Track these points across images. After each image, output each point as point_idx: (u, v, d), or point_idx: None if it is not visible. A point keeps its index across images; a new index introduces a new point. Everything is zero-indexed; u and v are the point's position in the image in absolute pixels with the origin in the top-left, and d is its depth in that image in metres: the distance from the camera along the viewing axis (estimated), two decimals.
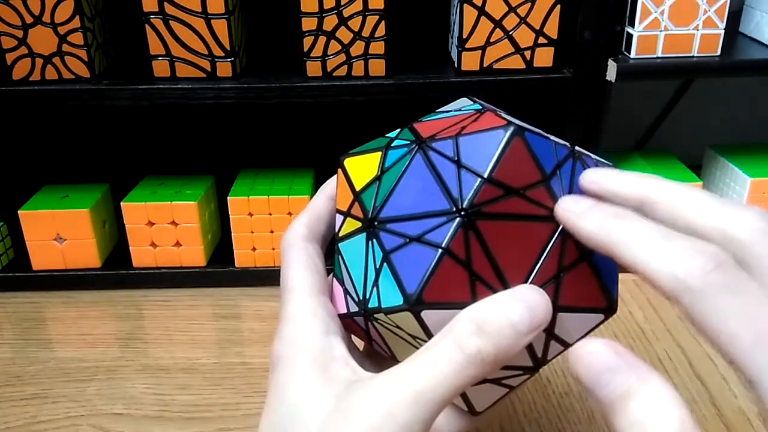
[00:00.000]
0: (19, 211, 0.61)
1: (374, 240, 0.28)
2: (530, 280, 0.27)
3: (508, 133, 0.27)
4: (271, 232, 0.62)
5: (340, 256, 0.31)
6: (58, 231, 0.62)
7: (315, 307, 0.29)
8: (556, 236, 0.28)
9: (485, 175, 0.26)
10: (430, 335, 0.26)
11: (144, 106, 0.56)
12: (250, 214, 0.61)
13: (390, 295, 0.27)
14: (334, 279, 0.32)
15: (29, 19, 0.55)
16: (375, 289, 0.28)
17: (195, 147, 0.73)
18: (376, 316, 0.28)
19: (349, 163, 0.32)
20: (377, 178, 0.30)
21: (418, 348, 0.26)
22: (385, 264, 0.27)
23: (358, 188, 0.30)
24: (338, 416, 0.25)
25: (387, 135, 0.32)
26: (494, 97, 0.31)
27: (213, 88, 0.56)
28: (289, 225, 0.34)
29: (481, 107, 0.31)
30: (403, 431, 0.23)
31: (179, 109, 0.69)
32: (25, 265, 0.63)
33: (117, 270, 0.63)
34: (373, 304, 0.28)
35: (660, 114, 0.76)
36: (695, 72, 0.61)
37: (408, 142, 0.30)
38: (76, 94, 0.57)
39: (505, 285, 0.27)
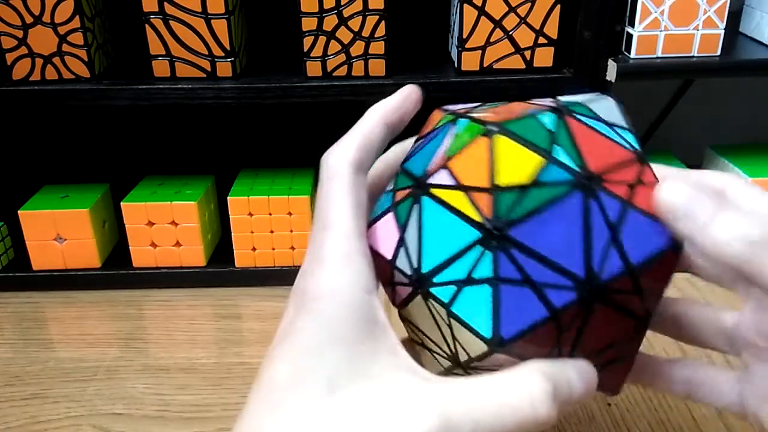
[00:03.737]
0: (19, 211, 0.61)
1: (492, 251, 0.25)
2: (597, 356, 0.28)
3: (671, 244, 0.26)
4: (271, 232, 0.62)
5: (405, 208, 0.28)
6: (58, 231, 0.62)
7: (358, 257, 0.26)
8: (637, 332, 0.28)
9: (633, 265, 0.25)
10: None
11: (144, 106, 0.56)
12: (250, 214, 0.61)
13: (473, 315, 0.25)
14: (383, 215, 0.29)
15: (29, 19, 0.55)
16: (450, 287, 0.26)
17: (195, 147, 0.73)
18: (430, 299, 0.26)
19: (502, 143, 0.25)
20: (524, 188, 0.25)
21: (451, 337, 0.26)
22: (488, 286, 0.25)
23: (499, 182, 0.25)
24: (380, 405, 0.23)
25: (543, 123, 0.26)
26: (494, 97, 0.30)
27: (213, 88, 0.56)
28: (336, 145, 0.29)
29: (639, 151, 0.28)
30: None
31: (179, 109, 0.69)
32: (25, 265, 0.63)
33: (117, 270, 0.63)
34: (437, 293, 0.26)
35: (660, 114, 0.76)
36: (695, 72, 0.61)
37: (571, 173, 0.26)
38: (76, 94, 0.57)
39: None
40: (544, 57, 0.56)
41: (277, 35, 0.66)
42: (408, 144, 0.31)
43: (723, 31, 0.56)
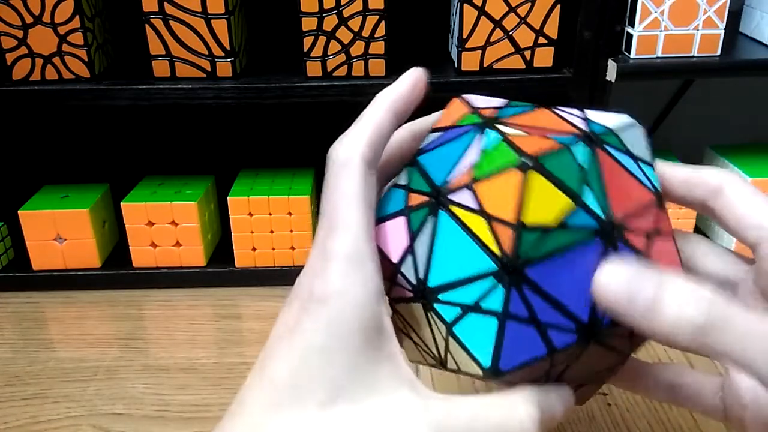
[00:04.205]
0: (19, 211, 0.61)
1: (505, 286, 0.25)
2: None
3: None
4: (271, 232, 0.62)
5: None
6: (58, 231, 0.62)
7: (368, 261, 0.25)
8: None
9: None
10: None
11: (144, 106, 0.56)
12: (250, 214, 0.61)
13: (474, 342, 0.25)
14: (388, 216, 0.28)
15: (29, 19, 0.55)
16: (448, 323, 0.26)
17: (195, 147, 0.73)
18: (432, 312, 0.26)
19: (535, 180, 0.24)
20: (548, 229, 0.25)
21: (444, 348, 0.26)
22: (495, 319, 0.25)
23: (526, 220, 0.24)
24: (378, 421, 0.24)
25: (576, 157, 0.25)
26: (494, 97, 0.30)
27: (213, 88, 0.56)
28: (344, 136, 0.28)
29: (658, 192, 0.28)
30: None
31: (179, 109, 0.69)
32: (25, 265, 0.63)
33: (117, 270, 0.63)
34: (443, 313, 0.26)
35: (660, 114, 0.76)
36: (695, 72, 0.61)
37: (597, 219, 0.25)
38: (76, 94, 0.57)
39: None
40: (544, 57, 0.56)
41: (277, 35, 0.66)
42: (418, 128, 0.30)
43: (723, 31, 0.56)
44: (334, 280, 0.25)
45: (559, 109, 0.29)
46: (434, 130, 0.29)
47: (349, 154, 0.26)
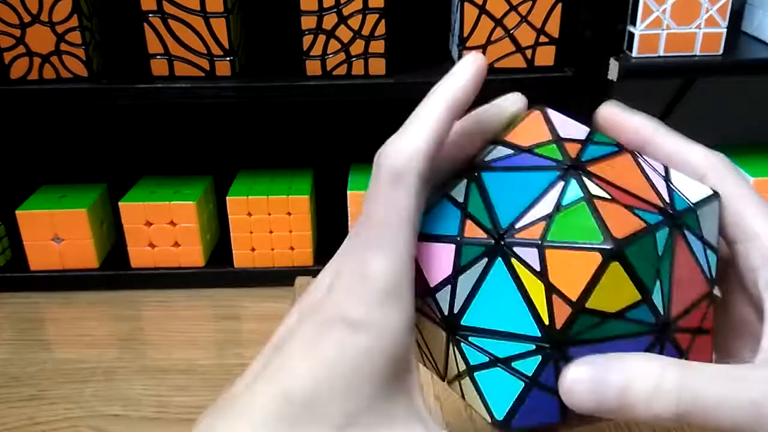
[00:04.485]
0: (16, 212, 0.61)
1: (543, 358, 0.24)
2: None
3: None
4: (270, 232, 0.62)
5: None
6: (56, 231, 0.61)
7: (407, 293, 0.24)
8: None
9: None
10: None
11: (142, 105, 0.56)
12: (249, 215, 0.61)
13: (493, 394, 0.25)
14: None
15: (27, 18, 0.54)
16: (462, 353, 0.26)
17: (194, 147, 0.72)
18: (455, 345, 0.26)
19: (612, 270, 0.23)
20: (606, 317, 0.24)
21: (456, 379, 0.26)
22: (521, 383, 0.24)
23: (588, 305, 0.23)
24: None
25: (657, 243, 0.24)
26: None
27: (212, 87, 0.56)
28: (400, 141, 0.24)
29: (713, 283, 0.26)
30: None
31: (178, 108, 0.69)
32: (23, 266, 0.63)
33: (115, 270, 0.63)
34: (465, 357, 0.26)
35: (661, 114, 0.76)
36: (697, 71, 0.61)
37: (656, 316, 0.24)
38: (74, 94, 0.56)
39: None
40: (546, 56, 0.56)
41: (277, 34, 0.66)
42: (486, 125, 0.27)
43: (725, 30, 0.56)
44: (371, 309, 0.23)
45: (643, 160, 0.27)
46: (505, 143, 0.27)
47: (406, 166, 0.23)
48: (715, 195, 0.26)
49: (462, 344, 0.25)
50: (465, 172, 0.26)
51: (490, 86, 0.26)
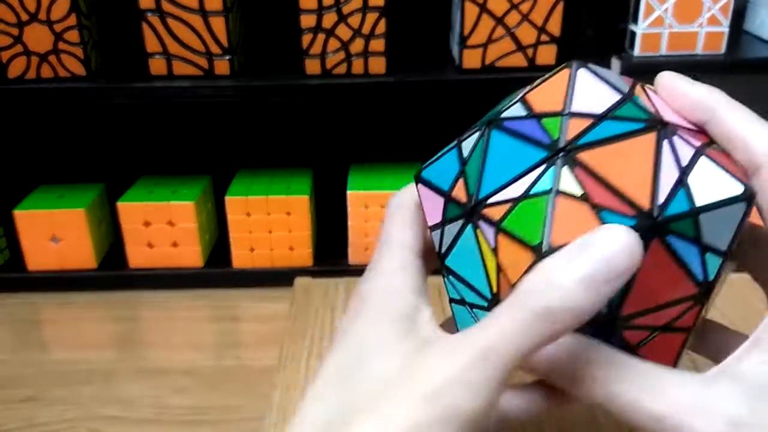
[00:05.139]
0: (14, 211, 0.61)
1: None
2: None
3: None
4: (270, 232, 0.61)
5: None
6: (54, 231, 0.61)
7: (409, 265, 0.28)
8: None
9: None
10: None
11: (141, 104, 0.56)
12: (248, 215, 0.61)
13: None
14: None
15: (25, 17, 0.54)
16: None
17: (192, 146, 0.72)
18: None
19: None
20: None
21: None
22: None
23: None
24: (405, 374, 0.23)
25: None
26: (496, 96, 0.30)
27: (210, 86, 0.55)
28: (403, 190, 0.31)
29: (706, 284, 0.25)
30: (471, 391, 0.22)
31: (176, 107, 0.69)
32: (21, 266, 0.62)
33: (113, 271, 0.63)
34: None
35: None
36: (699, 70, 0.60)
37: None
38: (72, 93, 0.56)
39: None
40: (547, 55, 0.56)
41: (276, 32, 0.65)
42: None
43: (727, 29, 0.56)
44: (375, 286, 0.27)
45: (672, 143, 0.25)
46: (525, 102, 0.27)
47: (406, 200, 0.30)
48: (744, 195, 0.23)
49: (445, 279, 0.29)
50: (485, 122, 0.28)
51: (492, 85, 0.27)
